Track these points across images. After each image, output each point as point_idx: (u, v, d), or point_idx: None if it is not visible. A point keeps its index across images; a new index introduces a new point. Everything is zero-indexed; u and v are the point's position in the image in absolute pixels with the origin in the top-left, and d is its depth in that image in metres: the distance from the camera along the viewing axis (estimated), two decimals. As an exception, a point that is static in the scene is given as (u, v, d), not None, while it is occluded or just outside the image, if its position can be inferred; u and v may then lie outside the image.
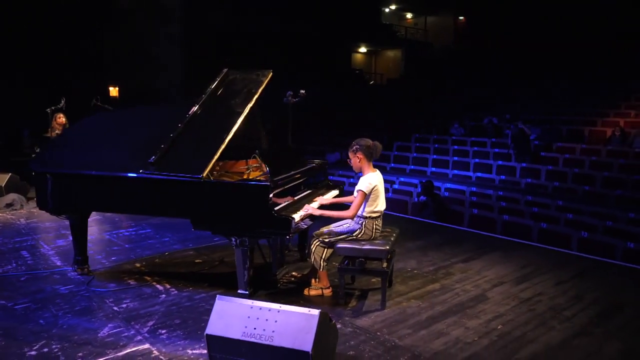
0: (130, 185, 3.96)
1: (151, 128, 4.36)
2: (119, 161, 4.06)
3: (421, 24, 29.70)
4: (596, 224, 7.78)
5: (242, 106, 4.30)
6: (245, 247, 3.77)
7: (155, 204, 3.96)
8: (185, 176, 3.76)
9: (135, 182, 3.93)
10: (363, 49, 27.88)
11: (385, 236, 4.18)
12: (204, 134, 4.14)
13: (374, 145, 4.12)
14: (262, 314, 2.90)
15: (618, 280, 4.95)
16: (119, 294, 4.28)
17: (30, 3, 12.89)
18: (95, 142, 4.38)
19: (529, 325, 3.84)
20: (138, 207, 4.12)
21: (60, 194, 4.26)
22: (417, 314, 3.99)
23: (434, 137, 15.01)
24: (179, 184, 3.80)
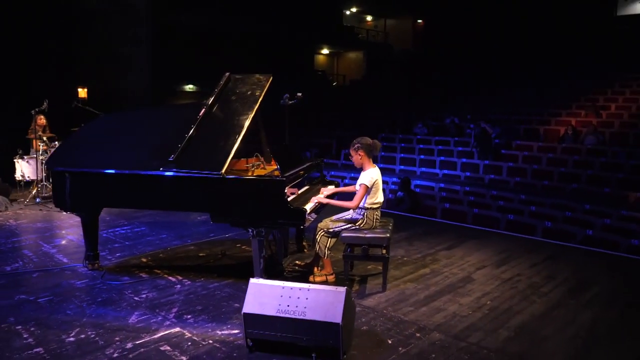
0: (152, 182, 4.22)
1: (162, 129, 4.62)
2: (138, 160, 4.30)
3: (381, 26, 30.50)
4: (557, 214, 8.51)
5: (249, 108, 4.63)
6: (262, 237, 4.11)
7: (175, 199, 4.24)
8: (205, 173, 4.06)
9: (156, 179, 4.19)
10: (325, 50, 28.37)
11: (383, 225, 4.62)
12: (217, 134, 4.44)
13: (374, 143, 4.55)
14: (294, 292, 3.26)
15: (582, 262, 5.56)
16: (135, 286, 4.53)
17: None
18: (108, 142, 4.60)
19: (513, 300, 4.36)
20: (157, 202, 4.38)
21: (79, 192, 4.47)
22: (415, 294, 4.43)
23: (399, 137, 15.62)
24: (199, 180, 4.09)
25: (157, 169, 4.16)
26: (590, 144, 12.19)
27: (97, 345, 3.45)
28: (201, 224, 6.74)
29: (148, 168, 4.20)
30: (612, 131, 12.81)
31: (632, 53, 18.08)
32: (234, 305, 4.12)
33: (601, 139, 12.45)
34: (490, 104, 16.97)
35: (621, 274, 5.20)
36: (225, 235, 6.25)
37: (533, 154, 12.32)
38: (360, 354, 3.36)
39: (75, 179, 4.43)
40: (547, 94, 16.37)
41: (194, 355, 3.34)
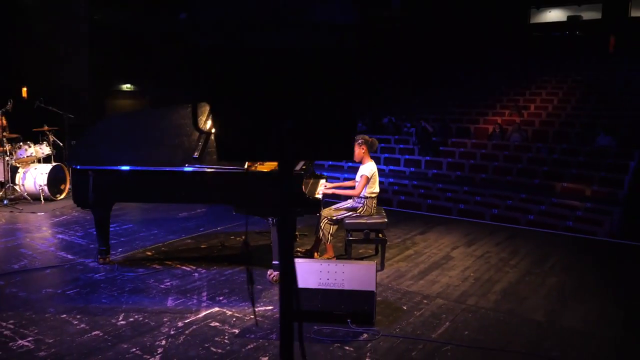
0: (177, 177, 4.55)
1: (175, 128, 4.94)
2: (161, 157, 4.61)
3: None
4: (499, 203, 9.58)
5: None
6: (281, 225, 4.57)
7: (198, 193, 4.59)
8: (230, 168, 4.47)
9: (181, 175, 4.53)
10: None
11: (378, 212, 5.23)
12: (230, 132, 4.84)
13: (372, 140, 5.17)
14: (331, 268, 3.79)
15: (536, 240, 6.49)
16: (154, 276, 4.82)
17: None
18: (125, 141, 4.85)
19: (490, 271, 5.15)
20: (180, 196, 4.70)
21: (102, 189, 4.68)
22: (410, 271, 5.10)
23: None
24: (224, 175, 4.49)
25: (183, 165, 4.50)
26: (516, 140, 13.56)
27: (149, 325, 3.78)
28: (186, 219, 7.02)
29: (174, 164, 4.53)
30: (534, 129, 14.30)
31: (544, 57, 20.14)
32: (256, 287, 4.56)
33: (525, 135, 13.87)
34: (420, 104, 18.23)
35: (569, 249, 6.17)
36: (216, 228, 6.60)
37: (468, 150, 13.51)
38: (385, 318, 3.95)
39: (99, 177, 4.65)
40: (471, 95, 17.81)
41: (243, 327, 3.77)
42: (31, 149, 8.22)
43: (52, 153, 8.54)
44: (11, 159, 7.96)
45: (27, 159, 8.22)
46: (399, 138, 15.21)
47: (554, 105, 15.68)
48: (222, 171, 4.48)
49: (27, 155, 8.15)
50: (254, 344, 3.54)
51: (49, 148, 8.51)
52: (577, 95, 16.09)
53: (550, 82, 17.70)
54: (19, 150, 8.08)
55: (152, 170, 4.55)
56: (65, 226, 6.67)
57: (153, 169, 4.55)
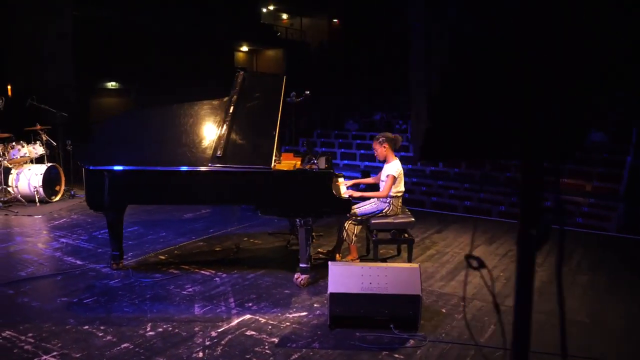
0: (201, 178, 4.31)
1: (193, 127, 4.70)
2: (182, 156, 4.36)
3: (297, 25, 31.01)
4: (503, 200, 9.52)
5: (275, 106, 4.85)
6: (309, 226, 4.37)
7: (223, 194, 4.36)
8: (256, 167, 4.24)
9: (205, 175, 4.29)
10: (245, 48, 28.31)
11: (404, 211, 5.07)
12: (252, 131, 4.62)
13: (396, 137, 4.99)
14: (373, 271, 3.61)
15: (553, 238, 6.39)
16: (173, 282, 4.58)
17: None
18: (140, 140, 4.58)
19: (519, 271, 5.02)
20: (204, 198, 4.45)
21: (119, 191, 4.41)
22: (438, 272, 4.95)
23: (335, 133, 16.25)
24: (249, 174, 4.27)
25: (206, 165, 4.27)
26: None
27: (181, 336, 3.55)
28: (193, 221, 6.76)
29: (196, 164, 4.29)
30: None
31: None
32: (284, 292, 4.36)
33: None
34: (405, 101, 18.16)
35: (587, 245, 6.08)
36: (226, 230, 6.36)
37: (463, 147, 13.45)
38: (427, 322, 3.79)
39: (116, 178, 4.37)
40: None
41: (282, 336, 3.56)
42: (24, 149, 7.84)
43: (45, 153, 8.18)
44: (3, 160, 7.58)
45: (20, 160, 7.84)
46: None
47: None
48: (249, 170, 4.25)
49: (20, 156, 7.77)
50: (298, 354, 3.34)
51: (42, 148, 8.14)
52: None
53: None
54: (11, 150, 7.70)
55: (174, 170, 4.29)
56: (67, 229, 6.35)
57: (175, 169, 4.29)
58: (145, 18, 19.07)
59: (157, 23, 19.52)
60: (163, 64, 19.13)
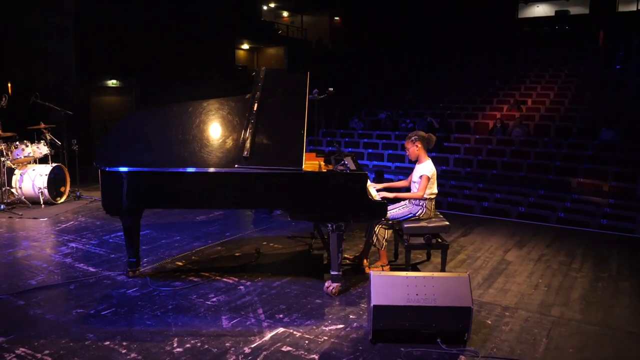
0: (227, 179, 4.02)
1: (215, 125, 4.41)
2: (205, 157, 4.08)
3: (298, 22, 30.70)
4: (521, 200, 9.27)
5: (301, 102, 4.57)
6: (341, 231, 4.09)
7: (250, 197, 4.07)
8: (287, 169, 3.96)
9: (233, 177, 4.00)
10: (246, 45, 27.98)
11: (436, 214, 4.80)
12: (278, 129, 4.35)
13: (429, 136, 4.71)
14: (419, 281, 3.33)
15: (581, 240, 6.15)
16: (195, 291, 4.29)
17: None
18: (159, 140, 4.28)
19: (557, 277, 4.77)
20: (228, 201, 4.15)
21: (138, 193, 4.12)
22: (473, 279, 4.67)
23: (340, 132, 15.98)
24: (278, 176, 3.98)
25: (232, 166, 3.98)
26: (518, 135, 13.34)
27: (212, 353, 3.27)
28: (207, 223, 6.48)
29: (221, 165, 4.00)
30: (535, 123, 14.10)
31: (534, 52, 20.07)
32: (315, 302, 4.08)
33: (526, 130, 13.66)
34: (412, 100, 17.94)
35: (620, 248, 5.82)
36: (244, 233, 6.09)
37: (472, 146, 13.21)
38: (475, 335, 3.51)
39: (135, 179, 4.08)
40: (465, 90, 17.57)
41: (322, 352, 3.29)
42: (28, 148, 7.55)
43: (50, 153, 7.87)
44: (6, 160, 7.27)
45: (24, 160, 7.54)
46: (399, 134, 14.84)
47: (551, 100, 15.55)
48: (279, 172, 3.97)
49: (24, 156, 7.47)
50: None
51: (46, 147, 7.84)
52: (573, 89, 16.00)
53: (543, 77, 17.61)
54: (15, 150, 7.40)
55: (198, 172, 4.00)
56: (76, 233, 6.06)
57: (200, 171, 4.00)
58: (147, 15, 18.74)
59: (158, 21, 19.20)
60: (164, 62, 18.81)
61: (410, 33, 23.58)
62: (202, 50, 21.11)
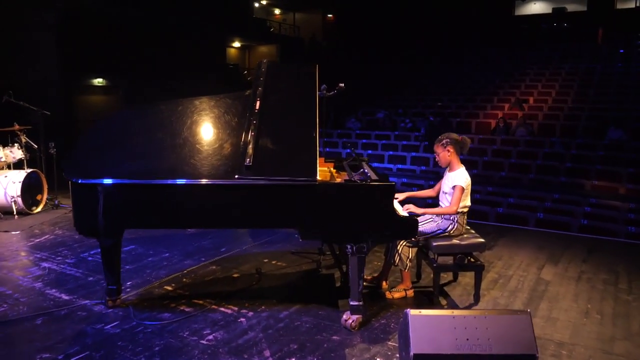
0: (223, 193, 3.33)
1: (210, 126, 3.72)
2: (199, 166, 3.38)
3: (290, 20, 29.99)
4: (536, 205, 8.64)
5: (309, 100, 3.90)
6: (363, 254, 3.42)
7: (251, 214, 3.37)
8: (298, 180, 3.27)
9: (231, 190, 3.31)
10: (237, 43, 27.22)
11: (468, 230, 4.14)
12: (286, 131, 3.67)
13: (463, 139, 4.05)
14: (469, 322, 2.67)
15: (617, 252, 5.53)
16: (187, 325, 3.59)
17: None
18: (144, 145, 3.59)
19: (608, 301, 4.13)
20: (226, 219, 3.44)
21: (117, 211, 3.41)
22: (512, 303, 4.03)
23: (337, 132, 15.34)
24: (288, 189, 3.30)
25: (232, 177, 3.29)
26: (522, 135, 12.77)
27: (210, 416, 2.58)
28: (199, 236, 5.77)
29: (219, 176, 3.31)
30: (539, 122, 13.54)
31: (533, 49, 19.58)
32: (332, 339, 3.40)
33: (531, 130, 13.10)
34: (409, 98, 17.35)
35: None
36: (241, 248, 5.39)
37: (476, 146, 12.58)
38: (534, 386, 2.85)
39: (115, 194, 3.37)
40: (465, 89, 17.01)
41: (349, 414, 2.61)
42: (0, 152, 6.78)
43: (25, 157, 7.11)
44: (-24, 166, 6.51)
45: (-6, 165, 6.78)
46: (399, 134, 14.23)
47: (553, 98, 15.02)
48: (289, 184, 3.28)
49: (-5, 161, 6.71)
50: None
51: (21, 151, 7.08)
52: (575, 87, 15.48)
53: (544, 75, 17.10)
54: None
55: (191, 184, 3.30)
56: (51, 250, 5.32)
57: (192, 183, 3.30)
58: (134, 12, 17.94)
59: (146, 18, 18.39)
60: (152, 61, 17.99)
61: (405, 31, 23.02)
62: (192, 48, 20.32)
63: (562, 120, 13.33)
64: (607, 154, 10.73)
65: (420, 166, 12.17)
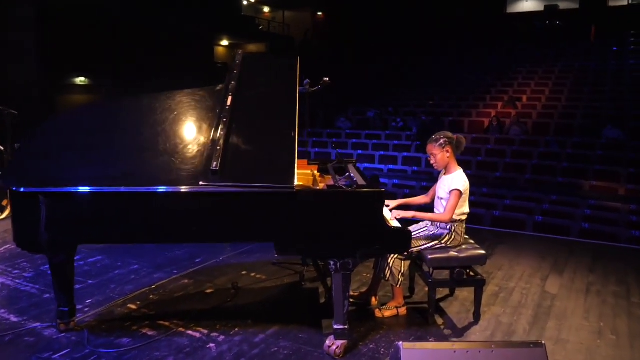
0: (186, 203, 2.87)
1: (174, 125, 3.27)
2: (158, 170, 2.92)
3: (279, 18, 29.53)
4: (534, 207, 8.25)
5: (289, 96, 3.46)
6: (348, 271, 2.98)
7: (220, 226, 2.92)
8: (272, 186, 2.82)
9: (193, 199, 2.85)
10: (225, 42, 26.71)
11: (466, 241, 3.72)
12: (260, 131, 3.22)
13: (458, 138, 3.62)
14: (474, 356, 2.24)
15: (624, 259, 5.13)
16: (148, 353, 3.14)
17: None
18: (97, 147, 3.12)
19: (621, 318, 3.73)
20: (193, 233, 2.96)
21: (63, 224, 2.94)
22: (517, 323, 3.61)
23: (327, 132, 14.93)
24: (262, 197, 2.84)
25: (196, 184, 2.83)
26: (515, 134, 12.42)
27: None
28: (171, 245, 5.28)
29: (181, 182, 2.85)
30: (533, 121, 13.20)
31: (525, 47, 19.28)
32: (313, 368, 2.97)
33: (525, 129, 12.75)
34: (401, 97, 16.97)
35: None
36: (218, 259, 4.93)
37: (469, 146, 12.19)
38: None
39: (57, 204, 2.90)
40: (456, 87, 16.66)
41: None
42: (-41, 155, 6.28)
43: (-12, 160, 6.62)
44: None
45: (-47, 169, 6.26)
46: (390, 133, 13.82)
47: (546, 96, 14.69)
48: (262, 192, 2.83)
49: (-47, 164, 6.20)
50: None
51: (-17, 154, 6.58)
52: (569, 85, 15.16)
53: (536, 72, 16.77)
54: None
55: (146, 192, 2.84)
56: (9, 262, 4.83)
57: (147, 191, 2.84)
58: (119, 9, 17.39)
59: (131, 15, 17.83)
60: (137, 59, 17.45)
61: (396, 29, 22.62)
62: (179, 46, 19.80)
63: (556, 119, 12.99)
64: (605, 154, 10.40)
65: (412, 167, 11.75)
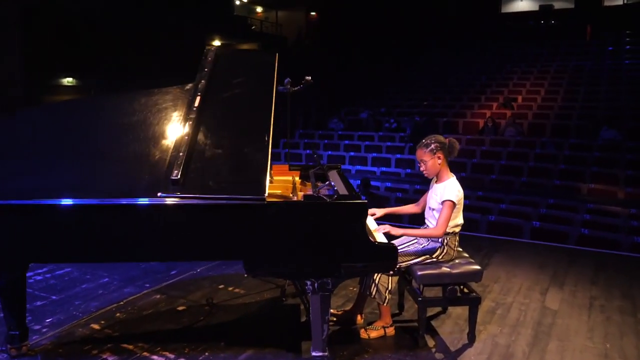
0: (142, 217, 2.54)
1: (136, 129, 2.94)
2: (114, 180, 2.60)
3: (272, 18, 29.22)
4: (531, 212, 7.96)
5: (265, 96, 3.14)
6: (327, 291, 2.66)
7: (183, 243, 2.60)
8: (240, 198, 2.50)
9: (154, 213, 2.53)
10: (217, 42, 26.34)
11: (460, 254, 3.41)
12: (230, 135, 2.90)
13: (451, 141, 3.31)
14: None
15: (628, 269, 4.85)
16: (106, 382, 2.81)
17: None
18: (50, 153, 2.79)
19: (629, 338, 3.42)
20: (154, 250, 2.64)
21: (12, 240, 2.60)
22: (515, 344, 3.30)
23: (319, 133, 14.63)
24: (229, 209, 2.52)
25: (154, 195, 2.51)
26: (511, 135, 12.17)
27: None
28: (149, 256, 4.97)
29: (138, 193, 2.53)
30: (528, 122, 12.95)
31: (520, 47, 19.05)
32: (289, 401, 2.65)
33: (520, 130, 12.51)
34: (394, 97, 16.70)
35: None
36: (194, 271, 4.61)
37: (464, 147, 11.91)
38: None
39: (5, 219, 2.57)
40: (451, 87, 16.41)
41: None
42: None
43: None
44: None
45: None
46: (383, 135, 13.54)
47: (542, 97, 14.45)
48: (227, 204, 2.51)
49: None
50: None
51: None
52: (564, 86, 14.92)
53: (532, 73, 16.54)
54: None
55: (101, 205, 2.51)
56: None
57: (102, 203, 2.51)
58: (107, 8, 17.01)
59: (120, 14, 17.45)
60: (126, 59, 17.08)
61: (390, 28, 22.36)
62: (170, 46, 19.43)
63: (552, 120, 12.74)
64: (602, 155, 10.14)
65: (406, 169, 11.46)
